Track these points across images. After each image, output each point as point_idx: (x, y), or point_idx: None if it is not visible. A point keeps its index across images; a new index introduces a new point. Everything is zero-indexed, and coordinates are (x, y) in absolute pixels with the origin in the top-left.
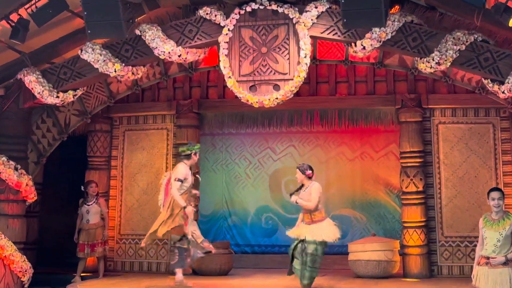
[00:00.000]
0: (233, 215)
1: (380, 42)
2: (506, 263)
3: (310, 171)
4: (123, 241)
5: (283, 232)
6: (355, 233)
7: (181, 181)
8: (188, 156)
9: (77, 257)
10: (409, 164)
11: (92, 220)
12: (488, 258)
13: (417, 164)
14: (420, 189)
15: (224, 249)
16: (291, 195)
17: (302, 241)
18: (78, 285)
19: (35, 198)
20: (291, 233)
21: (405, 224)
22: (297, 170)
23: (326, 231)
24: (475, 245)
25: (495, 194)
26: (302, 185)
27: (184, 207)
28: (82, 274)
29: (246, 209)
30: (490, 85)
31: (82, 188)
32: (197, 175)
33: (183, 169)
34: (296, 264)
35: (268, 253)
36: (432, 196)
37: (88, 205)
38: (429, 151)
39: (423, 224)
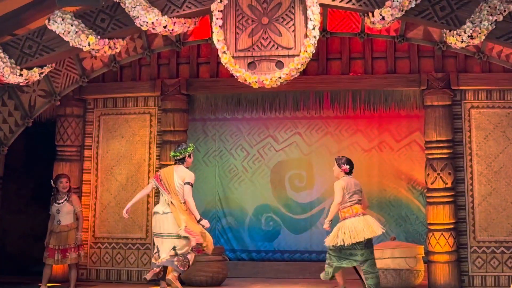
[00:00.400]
0: (228, 215)
1: (402, 11)
2: None
3: (347, 166)
4: (98, 245)
5: (287, 236)
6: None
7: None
8: (182, 160)
9: (43, 264)
10: (435, 156)
11: (64, 221)
12: None
13: (445, 156)
14: (449, 185)
15: (217, 255)
16: None
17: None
18: None
19: None
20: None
21: (431, 227)
22: (334, 162)
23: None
24: None
25: None
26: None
27: (199, 220)
28: (49, 284)
29: (243, 209)
30: None
31: (52, 183)
32: None
33: (191, 173)
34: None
35: (269, 260)
36: (463, 194)
37: (59, 203)
38: (459, 140)
39: (452, 226)
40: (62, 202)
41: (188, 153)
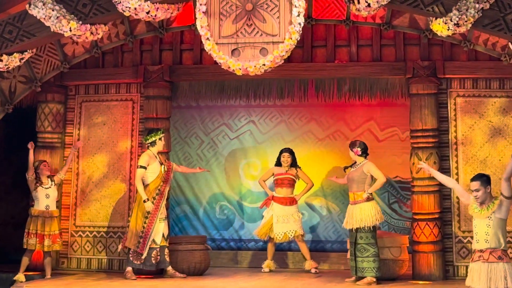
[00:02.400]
0: (183, 204)
1: None
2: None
3: (358, 149)
4: (79, 234)
5: (241, 225)
6: (327, 226)
7: (144, 168)
8: (153, 143)
9: (23, 252)
10: (421, 145)
11: (52, 207)
12: (481, 251)
13: (430, 145)
14: None
15: (199, 244)
16: (345, 169)
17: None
18: (24, 286)
19: None
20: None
21: (416, 216)
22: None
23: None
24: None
25: (472, 185)
26: (355, 162)
27: (144, 200)
28: (26, 273)
29: (197, 197)
30: None
31: (33, 169)
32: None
33: (145, 156)
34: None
35: (224, 248)
36: None
37: (47, 187)
38: (445, 129)
39: (436, 216)
40: (50, 187)
41: (158, 137)
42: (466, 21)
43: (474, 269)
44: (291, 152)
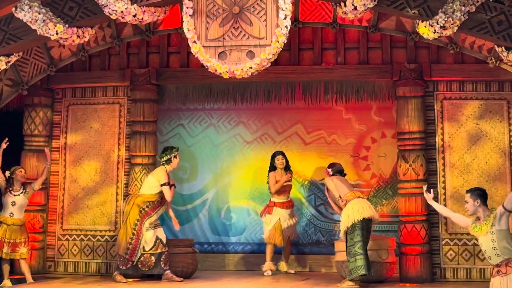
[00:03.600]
0: None
1: (374, 1)
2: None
3: (329, 169)
4: (66, 237)
5: (169, 227)
6: (256, 228)
7: (169, 184)
8: (168, 161)
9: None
10: (407, 147)
11: (17, 215)
12: (498, 266)
13: (417, 148)
14: (421, 176)
15: (187, 247)
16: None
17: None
18: None
19: None
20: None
21: (403, 219)
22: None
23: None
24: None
25: (465, 197)
26: None
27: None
28: (11, 277)
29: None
30: (505, 53)
31: (8, 173)
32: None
33: (162, 172)
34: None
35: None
36: (435, 186)
37: (15, 195)
38: (431, 132)
39: (423, 218)
40: (19, 194)
41: (174, 154)
42: (452, 24)
43: (495, 285)
44: (283, 154)
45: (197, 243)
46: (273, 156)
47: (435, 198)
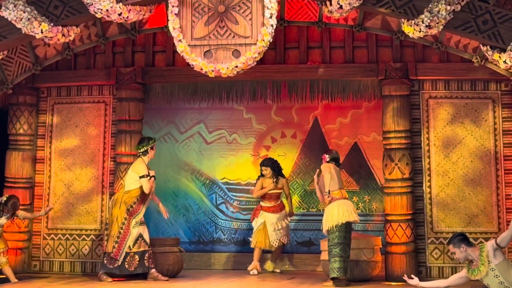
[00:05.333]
0: None
1: (359, 0)
2: None
3: (326, 155)
4: (51, 236)
5: None
6: (161, 227)
7: (149, 176)
8: (145, 153)
9: None
10: (393, 146)
11: None
12: None
13: (402, 147)
14: (406, 175)
15: (172, 246)
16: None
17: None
18: None
19: None
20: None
21: (388, 217)
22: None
23: (329, 215)
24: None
25: (450, 249)
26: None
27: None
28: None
29: None
30: (490, 52)
31: (4, 198)
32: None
33: (141, 164)
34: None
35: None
36: (421, 185)
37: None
38: (417, 130)
39: (409, 217)
40: (2, 217)
41: (151, 145)
42: (437, 23)
43: None
44: (267, 165)
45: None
46: (260, 165)
47: (421, 198)
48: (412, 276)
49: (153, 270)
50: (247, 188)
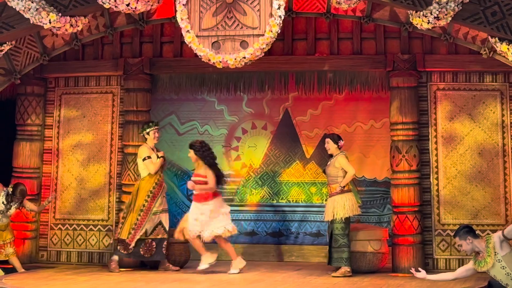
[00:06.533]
0: None
1: None
2: None
3: (342, 141)
4: (58, 226)
5: None
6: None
7: (149, 157)
8: (144, 138)
9: None
10: (401, 138)
11: (2, 221)
12: None
13: (410, 138)
14: (414, 167)
15: None
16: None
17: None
18: (3, 280)
19: None
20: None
21: (396, 209)
22: (327, 139)
23: (339, 206)
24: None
25: (456, 242)
26: (331, 155)
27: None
28: (2, 266)
29: None
30: (498, 44)
31: (10, 189)
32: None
33: (143, 148)
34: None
35: None
36: (428, 176)
37: (8, 208)
38: (425, 122)
39: (416, 209)
40: (12, 208)
41: (150, 129)
42: (446, 15)
43: None
44: (191, 148)
45: None
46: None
47: (428, 190)
48: (419, 269)
49: (165, 260)
50: None
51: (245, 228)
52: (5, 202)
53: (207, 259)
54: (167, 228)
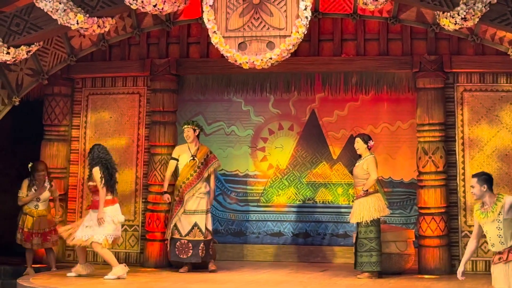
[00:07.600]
0: None
1: None
2: None
3: (372, 142)
4: None
5: None
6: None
7: (174, 159)
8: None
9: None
10: (427, 139)
11: (42, 206)
12: (500, 253)
13: (437, 140)
14: (440, 169)
15: None
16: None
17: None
18: (31, 279)
19: None
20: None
21: (422, 211)
22: (357, 139)
23: (365, 209)
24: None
25: (472, 182)
26: (360, 156)
27: (163, 193)
28: (33, 266)
29: None
30: None
31: (29, 168)
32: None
33: (175, 148)
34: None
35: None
36: (455, 178)
37: (35, 189)
38: (451, 123)
39: (443, 210)
40: (45, 191)
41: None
42: (473, 15)
43: (497, 271)
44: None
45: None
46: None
47: (454, 191)
48: (458, 272)
49: (211, 261)
50: (245, 180)
51: (272, 229)
52: (31, 190)
53: (117, 271)
54: (203, 230)
